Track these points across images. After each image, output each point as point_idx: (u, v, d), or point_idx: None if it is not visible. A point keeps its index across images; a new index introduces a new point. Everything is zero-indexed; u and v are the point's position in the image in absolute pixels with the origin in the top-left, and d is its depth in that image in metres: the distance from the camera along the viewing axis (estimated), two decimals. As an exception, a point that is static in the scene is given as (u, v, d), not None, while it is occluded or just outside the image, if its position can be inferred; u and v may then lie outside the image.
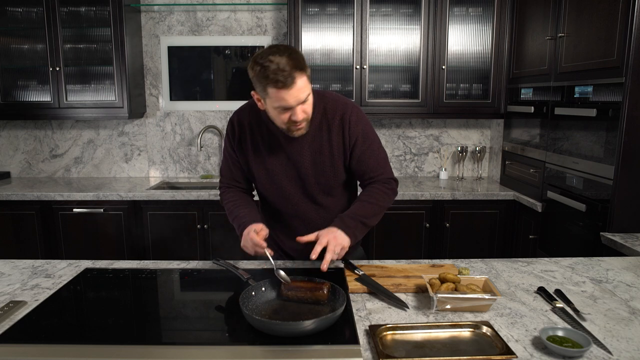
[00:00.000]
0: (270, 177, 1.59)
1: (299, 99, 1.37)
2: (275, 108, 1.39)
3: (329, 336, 1.08)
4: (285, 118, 1.41)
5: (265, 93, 1.37)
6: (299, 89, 1.35)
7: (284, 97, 1.34)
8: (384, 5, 3.07)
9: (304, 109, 1.41)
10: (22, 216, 2.94)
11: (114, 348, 1.06)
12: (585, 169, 2.21)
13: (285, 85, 1.32)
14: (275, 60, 1.32)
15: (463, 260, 1.65)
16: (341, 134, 1.54)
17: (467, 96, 3.17)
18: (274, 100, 1.36)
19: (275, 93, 1.34)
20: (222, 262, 1.55)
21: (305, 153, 1.54)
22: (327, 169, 1.56)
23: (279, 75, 1.31)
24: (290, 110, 1.39)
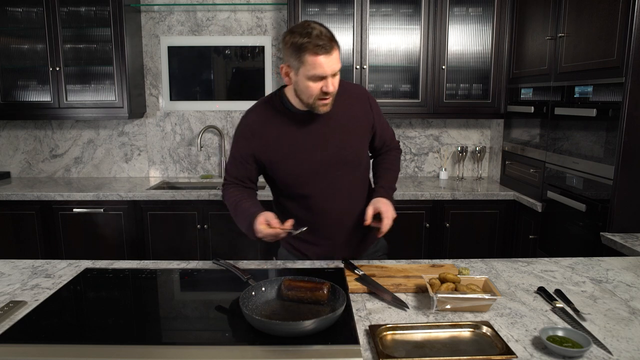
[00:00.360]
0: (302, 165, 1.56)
1: (334, 68, 1.40)
2: (309, 77, 1.40)
3: (329, 336, 1.08)
4: (317, 89, 1.42)
5: (301, 61, 1.38)
6: (335, 59, 1.40)
7: (322, 63, 1.37)
8: (384, 5, 3.07)
9: (334, 81, 1.43)
10: (22, 216, 2.94)
11: (114, 348, 1.06)
12: (585, 169, 2.21)
13: (325, 51, 1.36)
14: (317, 28, 1.38)
15: (463, 260, 1.65)
16: (365, 109, 1.63)
17: (467, 96, 3.17)
18: (310, 67, 1.38)
19: (314, 59, 1.36)
20: (222, 262, 1.55)
21: (336, 129, 1.56)
22: (355, 141, 1.61)
23: (319, 40, 1.35)
24: (323, 81, 1.41)
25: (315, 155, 1.56)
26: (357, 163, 1.64)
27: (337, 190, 1.61)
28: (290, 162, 1.56)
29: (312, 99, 1.45)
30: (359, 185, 1.68)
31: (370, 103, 1.65)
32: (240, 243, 2.94)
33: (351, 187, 1.65)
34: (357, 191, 1.67)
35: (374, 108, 1.66)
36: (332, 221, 1.63)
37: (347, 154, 1.59)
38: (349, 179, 1.63)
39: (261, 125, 1.56)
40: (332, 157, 1.57)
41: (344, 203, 1.63)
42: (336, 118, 1.56)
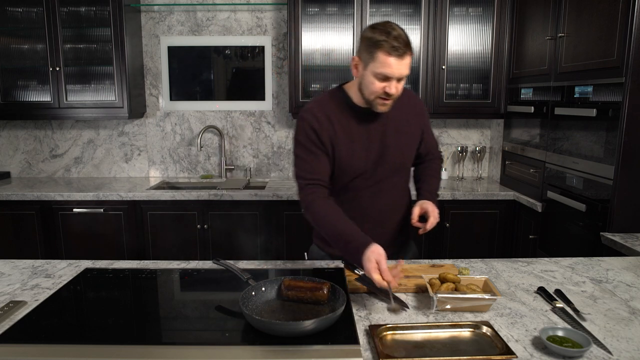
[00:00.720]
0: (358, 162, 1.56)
1: (402, 73, 1.43)
2: (375, 75, 1.42)
3: (329, 336, 1.08)
4: (380, 88, 1.44)
5: (373, 57, 1.40)
6: (406, 64, 1.42)
7: (391, 65, 1.39)
8: (384, 5, 3.07)
9: (398, 86, 1.46)
10: (22, 216, 2.94)
11: (114, 348, 1.06)
12: (585, 169, 2.21)
13: (398, 54, 1.38)
14: (397, 30, 1.40)
15: (463, 260, 1.65)
16: (417, 115, 1.67)
17: (467, 96, 3.17)
18: (379, 65, 1.40)
19: (385, 59, 1.38)
20: (222, 262, 1.55)
21: (392, 131, 1.59)
22: (407, 148, 1.65)
23: (396, 42, 1.37)
24: (387, 82, 1.43)
25: (369, 152, 1.57)
26: (404, 167, 1.68)
27: (380, 191, 1.62)
28: (345, 155, 1.55)
29: (372, 96, 1.47)
30: (401, 191, 1.70)
31: (422, 111, 1.71)
32: (240, 243, 2.94)
33: (394, 191, 1.66)
34: (398, 195, 1.69)
35: (425, 116, 1.72)
36: (371, 222, 1.62)
37: (398, 157, 1.62)
38: (393, 181, 1.64)
39: (326, 119, 1.55)
40: (384, 157, 1.58)
41: (385, 205, 1.65)
42: (394, 120, 1.59)
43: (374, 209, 1.63)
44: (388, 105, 1.50)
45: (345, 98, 1.57)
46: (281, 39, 3.35)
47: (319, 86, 3.14)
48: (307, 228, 2.99)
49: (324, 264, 1.63)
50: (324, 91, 1.65)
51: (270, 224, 2.93)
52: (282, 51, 3.37)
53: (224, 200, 2.90)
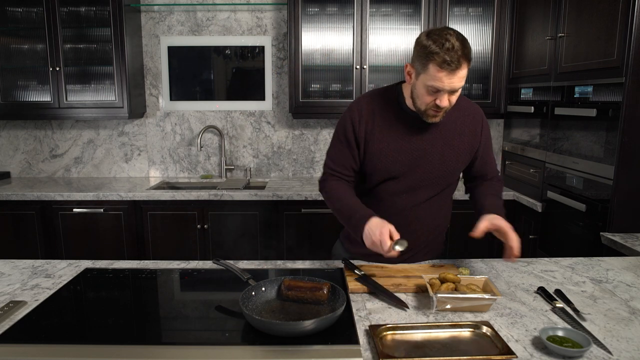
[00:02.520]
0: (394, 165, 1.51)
1: (454, 87, 1.35)
2: (426, 86, 1.37)
3: (329, 336, 1.08)
4: (431, 100, 1.39)
5: (425, 68, 1.35)
6: (460, 77, 1.34)
7: (442, 79, 1.33)
8: (384, 5, 3.07)
9: (451, 98, 1.39)
10: (22, 216, 2.94)
11: (114, 348, 1.06)
12: (585, 169, 2.21)
13: (450, 68, 1.31)
14: (452, 40, 1.31)
15: (463, 260, 1.65)
16: (474, 131, 1.57)
17: (467, 96, 3.14)
18: (430, 78, 1.34)
19: (436, 72, 1.32)
20: (222, 262, 1.55)
21: (439, 141, 1.52)
22: (454, 162, 1.56)
23: (448, 55, 1.29)
24: (439, 94, 1.37)
25: (410, 158, 1.51)
26: (447, 181, 1.59)
27: (417, 199, 1.57)
28: (384, 156, 1.51)
29: (423, 107, 1.43)
30: (439, 205, 1.62)
31: (482, 126, 1.60)
32: (240, 243, 2.94)
33: (432, 203, 1.59)
34: (435, 209, 1.61)
35: (484, 132, 1.60)
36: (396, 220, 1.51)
37: (441, 168, 1.54)
38: (432, 193, 1.58)
39: (370, 112, 1.53)
40: (422, 164, 1.52)
41: (419, 215, 1.59)
42: (444, 130, 1.53)
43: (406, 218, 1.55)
44: (439, 117, 1.44)
45: (397, 96, 1.54)
46: (281, 39, 3.35)
47: (319, 86, 3.14)
48: (307, 228, 2.99)
49: (324, 264, 1.63)
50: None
51: (270, 224, 2.93)
52: (282, 51, 3.37)
53: (224, 200, 2.90)
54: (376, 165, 1.53)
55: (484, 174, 1.67)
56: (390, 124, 1.52)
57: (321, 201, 2.87)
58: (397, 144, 1.51)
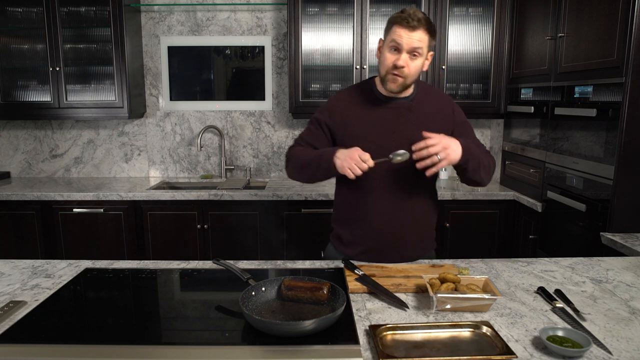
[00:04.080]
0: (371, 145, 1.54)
1: (411, 45, 1.48)
2: (388, 46, 1.51)
3: (329, 336, 1.08)
4: (391, 60, 1.51)
5: (388, 31, 1.52)
6: (417, 38, 1.48)
7: (401, 34, 1.48)
8: (384, 5, 3.07)
9: (408, 61, 1.50)
10: (22, 216, 2.94)
11: (114, 348, 1.06)
12: (585, 169, 2.21)
13: (409, 26, 1.47)
14: (415, 10, 1.50)
15: (463, 260, 1.65)
16: (446, 114, 1.66)
17: (467, 96, 3.17)
18: (391, 35, 1.50)
19: (397, 29, 1.49)
20: (222, 262, 1.55)
21: (411, 121, 1.60)
22: None
23: (409, 17, 1.47)
24: (398, 54, 1.50)
25: (385, 141, 1.57)
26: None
27: (397, 185, 1.60)
28: (358, 142, 1.55)
29: (384, 70, 1.54)
30: (420, 191, 1.65)
31: (454, 110, 1.68)
32: (240, 243, 2.94)
33: (412, 190, 1.62)
34: (417, 195, 1.64)
35: (456, 115, 1.68)
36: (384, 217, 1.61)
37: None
38: (412, 180, 1.60)
39: (345, 103, 1.66)
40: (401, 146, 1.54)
41: (400, 201, 1.61)
42: (415, 112, 1.62)
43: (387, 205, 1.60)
44: (399, 83, 1.53)
45: (371, 86, 1.65)
46: (281, 39, 3.35)
47: (319, 86, 3.14)
48: (307, 228, 2.99)
49: (324, 264, 1.63)
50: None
51: (270, 224, 2.93)
52: (282, 51, 3.37)
53: (224, 200, 2.90)
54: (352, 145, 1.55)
55: None
56: (365, 109, 1.63)
57: (321, 201, 2.88)
58: (373, 126, 1.60)
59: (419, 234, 1.68)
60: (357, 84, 1.73)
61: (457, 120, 1.68)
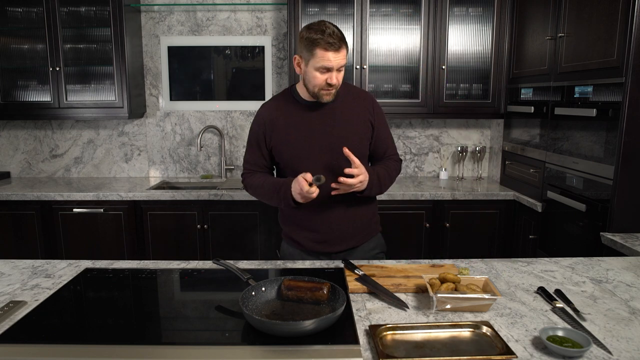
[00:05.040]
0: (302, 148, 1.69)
1: (340, 63, 1.59)
2: (317, 69, 1.58)
3: (329, 336, 1.08)
4: (323, 80, 1.60)
5: (312, 54, 1.57)
6: (342, 56, 1.59)
7: (330, 58, 1.56)
8: (384, 5, 3.07)
9: (338, 76, 1.61)
10: (22, 216, 2.94)
11: (114, 348, 1.06)
12: (585, 169, 2.21)
13: (334, 48, 1.55)
14: (330, 27, 1.56)
15: (463, 260, 1.65)
16: (366, 108, 1.76)
17: (467, 96, 3.17)
18: (318, 60, 1.56)
19: (323, 54, 1.55)
20: (222, 262, 1.55)
21: (337, 121, 1.70)
22: (353, 137, 1.71)
23: (331, 38, 1.54)
24: (329, 73, 1.59)
25: (315, 142, 1.68)
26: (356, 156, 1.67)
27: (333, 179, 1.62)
28: (292, 146, 1.70)
29: (316, 89, 1.62)
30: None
31: (373, 106, 1.78)
32: (240, 243, 2.94)
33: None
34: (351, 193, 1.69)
35: (376, 111, 1.78)
36: (326, 208, 1.71)
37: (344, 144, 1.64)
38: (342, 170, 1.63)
39: (272, 113, 1.74)
40: (329, 145, 1.68)
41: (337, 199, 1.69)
42: (339, 112, 1.72)
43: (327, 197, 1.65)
44: (332, 95, 1.64)
45: (292, 94, 1.75)
46: (281, 39, 3.36)
47: (319, 86, 3.13)
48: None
49: (323, 264, 1.63)
50: None
51: (270, 224, 2.93)
52: (282, 51, 3.37)
53: (224, 200, 2.90)
54: (284, 151, 1.71)
55: (384, 152, 1.81)
56: (291, 116, 1.72)
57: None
58: (299, 130, 1.70)
59: (359, 217, 1.78)
60: (279, 94, 1.81)
61: (377, 115, 1.78)
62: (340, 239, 1.75)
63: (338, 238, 1.75)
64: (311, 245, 1.76)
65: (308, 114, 1.71)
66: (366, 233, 1.82)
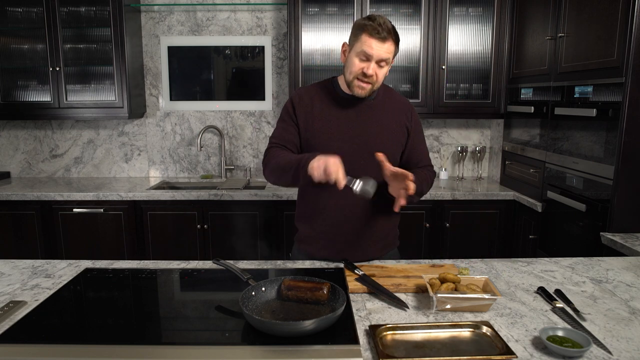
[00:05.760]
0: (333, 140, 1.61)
1: (380, 55, 1.52)
2: (357, 54, 1.53)
3: (329, 336, 1.08)
4: (359, 67, 1.53)
5: (357, 38, 1.53)
6: (386, 49, 1.52)
7: (371, 45, 1.50)
8: (384, 5, 3.07)
9: (377, 69, 1.55)
10: (22, 216, 2.94)
11: (114, 348, 1.06)
12: (585, 169, 2.21)
13: (379, 37, 1.50)
14: (383, 19, 1.53)
15: (463, 260, 1.65)
16: (404, 115, 1.70)
17: (467, 96, 3.17)
18: (361, 44, 1.51)
19: (366, 39, 1.50)
20: (222, 262, 1.55)
21: (373, 120, 1.64)
22: (388, 140, 1.65)
23: (380, 27, 1.50)
24: (367, 62, 1.53)
25: (346, 137, 1.61)
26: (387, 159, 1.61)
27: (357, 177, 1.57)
28: (322, 137, 1.62)
29: (351, 76, 1.56)
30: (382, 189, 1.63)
31: (411, 114, 1.73)
32: (240, 243, 2.94)
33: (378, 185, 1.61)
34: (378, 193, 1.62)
35: (413, 120, 1.72)
36: (346, 213, 1.63)
37: (377, 147, 1.58)
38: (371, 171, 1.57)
39: (309, 98, 1.67)
40: (361, 144, 1.61)
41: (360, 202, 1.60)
42: (376, 112, 1.66)
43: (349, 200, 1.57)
44: (366, 90, 1.57)
45: (333, 85, 1.69)
46: (281, 39, 3.35)
47: (319, 86, 3.14)
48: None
49: (323, 264, 1.63)
50: None
51: (270, 224, 2.93)
52: (282, 51, 3.37)
53: (224, 200, 2.90)
54: (317, 141, 1.62)
55: (418, 162, 1.73)
56: (327, 106, 1.65)
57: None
58: (335, 122, 1.63)
59: (379, 232, 1.70)
60: (320, 82, 1.74)
61: (414, 123, 1.73)
62: (356, 249, 1.66)
63: (352, 249, 1.65)
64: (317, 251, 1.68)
65: (345, 107, 1.64)
66: (383, 246, 1.73)
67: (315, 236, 1.70)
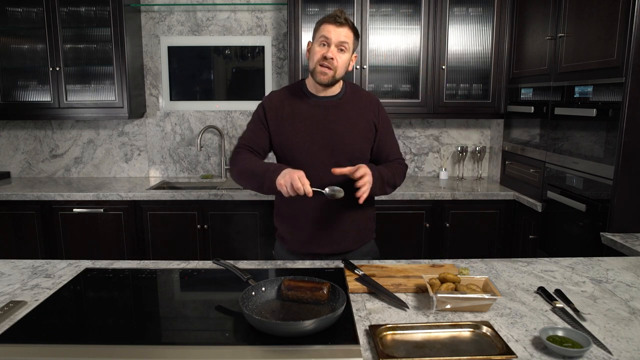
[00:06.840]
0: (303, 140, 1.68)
1: (339, 39, 1.61)
2: (318, 42, 1.63)
3: (329, 336, 1.08)
4: (320, 53, 1.61)
5: (317, 30, 1.64)
6: (345, 34, 1.62)
7: (329, 29, 1.60)
8: (384, 5, 3.07)
9: (336, 54, 1.62)
10: (22, 216, 2.94)
11: (114, 348, 1.06)
12: (585, 169, 2.21)
13: (336, 23, 1.60)
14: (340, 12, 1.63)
15: (463, 260, 1.65)
16: (371, 112, 1.75)
17: (467, 96, 3.17)
18: (320, 32, 1.62)
19: (325, 26, 1.61)
20: (222, 262, 1.55)
21: (341, 118, 1.70)
22: (356, 138, 1.71)
23: (336, 15, 1.61)
24: (327, 47, 1.61)
25: (316, 138, 1.68)
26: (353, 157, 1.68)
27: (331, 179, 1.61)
28: (293, 138, 1.69)
29: (314, 63, 1.63)
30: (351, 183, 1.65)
31: (378, 110, 1.78)
32: (240, 243, 2.94)
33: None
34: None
35: (381, 116, 1.77)
36: (322, 211, 1.71)
37: (346, 145, 1.68)
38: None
39: (279, 100, 1.74)
40: (331, 142, 1.68)
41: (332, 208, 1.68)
42: (344, 110, 1.71)
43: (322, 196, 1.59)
44: (328, 76, 1.62)
45: (301, 87, 1.75)
46: (281, 39, 3.35)
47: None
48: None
49: (323, 264, 1.63)
50: None
51: (271, 224, 2.92)
52: (282, 51, 3.37)
53: (224, 200, 2.90)
54: (284, 141, 1.70)
55: (387, 156, 1.79)
56: (297, 108, 1.71)
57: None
58: (304, 123, 1.69)
59: (355, 225, 1.77)
60: (290, 85, 1.81)
61: (382, 118, 1.78)
62: (329, 240, 1.73)
63: (326, 239, 1.73)
64: (297, 246, 1.76)
65: (313, 108, 1.71)
66: (358, 239, 1.79)
67: (295, 233, 1.77)
